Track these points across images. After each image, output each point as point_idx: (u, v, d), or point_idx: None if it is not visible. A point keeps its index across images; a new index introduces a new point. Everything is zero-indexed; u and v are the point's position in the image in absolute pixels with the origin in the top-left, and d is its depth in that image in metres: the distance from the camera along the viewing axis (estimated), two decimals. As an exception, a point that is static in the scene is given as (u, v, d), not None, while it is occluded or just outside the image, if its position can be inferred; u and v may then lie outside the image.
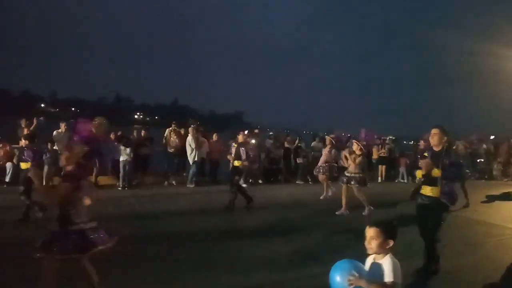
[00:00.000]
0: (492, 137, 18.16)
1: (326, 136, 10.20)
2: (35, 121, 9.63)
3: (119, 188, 9.43)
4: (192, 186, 10.41)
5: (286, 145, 12.79)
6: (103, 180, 10.02)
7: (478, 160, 15.68)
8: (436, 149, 4.37)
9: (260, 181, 11.70)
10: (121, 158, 9.55)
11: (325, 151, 9.54)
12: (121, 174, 9.57)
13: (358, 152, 7.80)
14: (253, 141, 10.69)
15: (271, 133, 14.14)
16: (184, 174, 11.30)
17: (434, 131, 4.37)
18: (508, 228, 6.97)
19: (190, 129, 10.86)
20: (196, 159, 10.59)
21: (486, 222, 7.50)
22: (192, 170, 10.68)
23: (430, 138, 4.49)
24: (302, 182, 12.11)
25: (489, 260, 5.31)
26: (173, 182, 10.50)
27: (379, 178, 13.26)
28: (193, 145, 10.51)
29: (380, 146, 13.38)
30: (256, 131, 14.70)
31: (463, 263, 5.17)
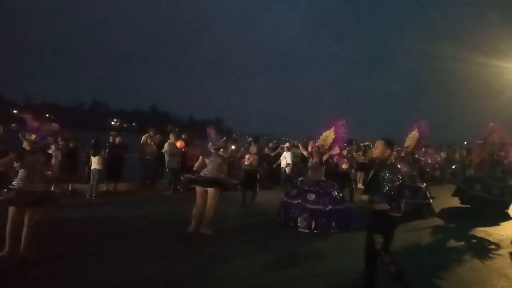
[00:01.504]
0: (465, 142, 18.75)
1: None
2: (1, 128, 9.29)
3: (87, 196, 9.20)
4: (169, 193, 10.28)
5: (266, 151, 12.78)
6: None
7: (453, 166, 16.22)
8: (378, 162, 4.21)
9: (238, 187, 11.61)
10: (92, 167, 9.34)
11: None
12: (90, 183, 9.34)
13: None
14: (233, 146, 10.64)
15: (250, 139, 14.12)
16: (162, 180, 11.16)
17: (378, 143, 4.20)
18: (481, 231, 7.17)
19: (170, 135, 10.74)
20: (173, 166, 10.47)
21: (458, 225, 7.70)
22: (169, 177, 10.55)
23: (373, 150, 4.35)
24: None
25: (460, 262, 5.51)
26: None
27: (358, 184, 13.31)
28: (170, 152, 10.39)
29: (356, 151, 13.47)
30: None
31: (436, 264, 5.31)
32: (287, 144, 12.15)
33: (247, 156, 9.29)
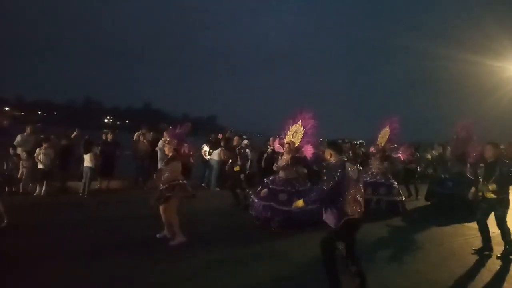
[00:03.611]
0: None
1: None
2: None
3: (80, 194, 9.16)
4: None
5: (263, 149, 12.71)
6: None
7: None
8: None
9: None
10: (84, 164, 9.31)
11: None
12: (82, 180, 9.29)
13: (169, 153, 5.95)
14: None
15: (244, 137, 14.05)
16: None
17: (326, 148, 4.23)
18: (473, 228, 7.21)
19: (165, 133, 10.65)
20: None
21: (453, 223, 7.75)
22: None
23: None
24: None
25: (454, 259, 5.57)
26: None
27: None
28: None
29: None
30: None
31: (430, 261, 5.36)
32: (245, 142, 11.97)
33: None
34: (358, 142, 13.37)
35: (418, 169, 12.22)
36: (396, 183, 8.80)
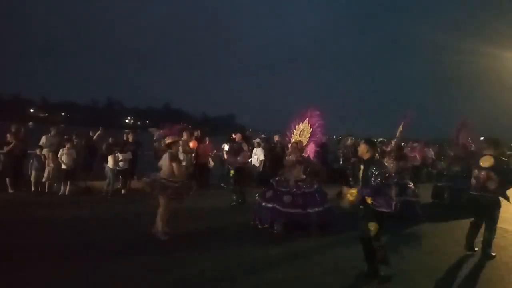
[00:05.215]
0: (481, 138, 18.35)
1: None
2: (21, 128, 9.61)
3: (103, 194, 9.32)
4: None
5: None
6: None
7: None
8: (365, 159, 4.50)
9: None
10: (106, 165, 9.47)
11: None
12: (106, 181, 9.44)
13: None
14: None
15: (263, 135, 14.09)
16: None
17: (361, 143, 4.54)
18: (499, 228, 7.01)
19: (184, 133, 10.74)
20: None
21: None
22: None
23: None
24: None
25: (477, 261, 5.47)
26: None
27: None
28: (184, 150, 10.40)
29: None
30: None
31: (456, 262, 5.26)
32: (257, 140, 11.77)
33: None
34: (378, 140, 13.16)
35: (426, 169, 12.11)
36: (411, 183, 8.49)
